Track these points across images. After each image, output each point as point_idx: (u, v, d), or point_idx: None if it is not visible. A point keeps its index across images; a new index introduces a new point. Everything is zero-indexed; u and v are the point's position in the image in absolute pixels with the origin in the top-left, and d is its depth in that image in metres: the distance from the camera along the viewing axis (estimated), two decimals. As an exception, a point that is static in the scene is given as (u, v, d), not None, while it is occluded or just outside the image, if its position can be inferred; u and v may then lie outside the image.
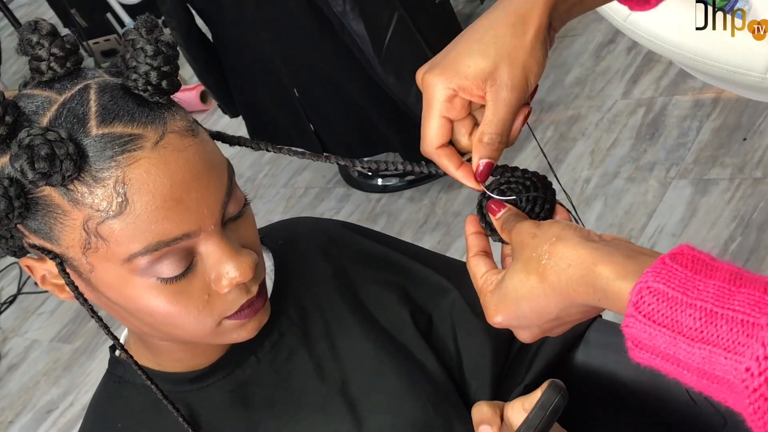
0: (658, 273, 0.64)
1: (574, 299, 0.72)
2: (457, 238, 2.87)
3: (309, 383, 1.01)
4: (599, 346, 1.12)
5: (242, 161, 3.73)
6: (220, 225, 0.84)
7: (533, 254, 0.75)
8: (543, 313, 0.76)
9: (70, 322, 3.53)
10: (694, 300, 0.62)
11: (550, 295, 0.74)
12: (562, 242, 0.73)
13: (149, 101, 0.82)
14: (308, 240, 1.12)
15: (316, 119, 2.93)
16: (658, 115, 2.84)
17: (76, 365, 3.34)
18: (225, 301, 0.87)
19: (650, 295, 0.64)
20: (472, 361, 1.08)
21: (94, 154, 0.78)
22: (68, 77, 0.84)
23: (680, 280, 0.63)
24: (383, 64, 2.52)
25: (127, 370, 1.01)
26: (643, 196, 2.62)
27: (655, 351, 0.64)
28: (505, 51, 0.80)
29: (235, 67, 2.94)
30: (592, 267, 0.70)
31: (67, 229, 0.81)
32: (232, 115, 3.18)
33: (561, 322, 0.77)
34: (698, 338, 0.61)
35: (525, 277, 0.75)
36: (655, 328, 0.63)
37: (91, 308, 0.87)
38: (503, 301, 0.78)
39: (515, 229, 0.79)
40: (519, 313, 0.77)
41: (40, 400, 3.30)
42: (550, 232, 0.75)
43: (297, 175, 3.54)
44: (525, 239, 0.76)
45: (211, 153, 0.85)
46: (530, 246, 0.75)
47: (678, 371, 0.64)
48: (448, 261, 1.19)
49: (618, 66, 3.12)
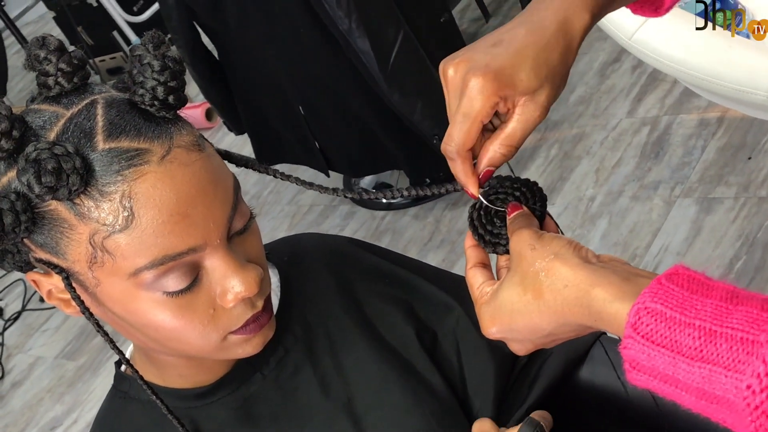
0: (655, 293, 0.64)
1: (568, 319, 0.72)
2: (461, 255, 2.87)
3: (314, 399, 1.01)
4: (604, 363, 1.12)
5: (247, 178, 3.74)
6: (225, 239, 0.85)
7: (530, 269, 0.75)
8: (536, 329, 0.76)
9: (74, 339, 3.53)
10: (693, 319, 0.62)
11: (545, 313, 0.74)
12: (560, 260, 0.73)
13: (156, 116, 0.83)
14: (313, 256, 1.12)
15: (322, 136, 2.94)
16: (663, 134, 2.84)
17: (80, 382, 3.33)
18: (230, 315, 0.87)
19: (648, 316, 0.64)
20: (476, 380, 1.08)
21: (101, 169, 0.79)
22: (75, 92, 0.84)
23: (677, 300, 0.63)
24: (388, 81, 2.52)
25: (133, 385, 1.01)
26: (647, 214, 2.62)
27: (654, 372, 0.64)
28: (551, 75, 0.81)
29: (241, 84, 2.95)
30: (589, 289, 0.70)
31: (74, 244, 0.81)
32: (237, 132, 3.18)
33: (554, 338, 0.78)
34: (698, 357, 0.61)
35: (521, 292, 0.75)
36: (654, 349, 0.63)
37: (97, 322, 0.87)
38: (498, 313, 0.78)
39: (516, 236, 0.79)
40: (513, 326, 0.77)
41: (43, 417, 3.29)
42: (549, 248, 0.75)
43: (301, 192, 3.54)
44: (523, 250, 0.76)
45: (218, 168, 0.85)
46: (528, 259, 0.75)
47: (676, 393, 0.63)
48: (453, 278, 1.19)
49: (623, 84, 3.12)
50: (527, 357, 1.13)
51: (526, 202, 0.85)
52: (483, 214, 0.87)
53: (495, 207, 0.86)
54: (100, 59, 4.76)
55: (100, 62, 4.76)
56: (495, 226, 0.86)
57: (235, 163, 0.97)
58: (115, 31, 4.79)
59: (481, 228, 0.87)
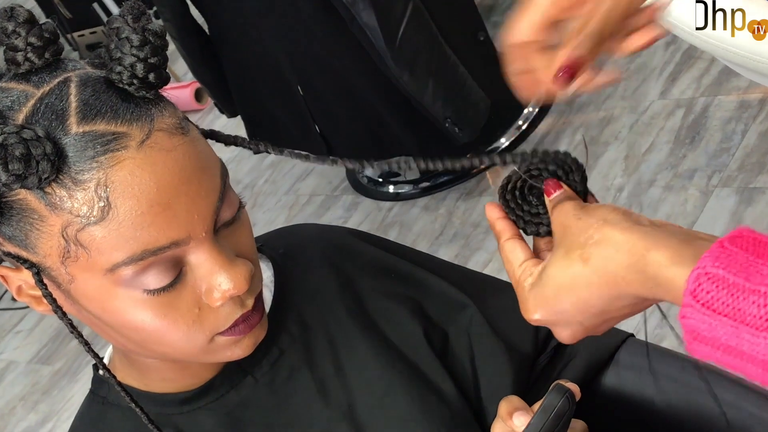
0: (716, 257, 0.64)
1: (622, 289, 0.72)
2: (476, 251, 2.87)
3: (311, 406, 1.01)
4: (632, 368, 1.12)
5: (240, 166, 3.74)
6: (212, 232, 0.84)
7: (577, 239, 0.74)
8: (586, 306, 0.75)
9: (50, 342, 3.54)
10: (757, 285, 0.62)
11: (595, 284, 0.73)
12: (609, 225, 0.73)
13: (135, 96, 0.82)
14: (312, 248, 1.12)
15: (322, 119, 2.94)
16: (699, 117, 2.83)
17: (57, 389, 3.34)
18: (217, 315, 0.87)
19: (709, 282, 0.64)
20: (491, 385, 1.08)
21: (74, 154, 0.79)
22: (47, 69, 0.84)
23: (741, 265, 0.63)
24: (396, 59, 2.52)
25: (112, 390, 1.01)
26: (682, 206, 2.62)
27: (716, 343, 0.64)
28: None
29: (234, 61, 2.95)
30: (644, 252, 0.70)
31: (45, 236, 0.81)
32: (229, 114, 3.19)
33: (607, 317, 0.77)
34: (764, 327, 0.61)
35: (566, 264, 0.75)
36: (716, 318, 0.63)
37: (70, 323, 0.87)
38: (542, 293, 0.77)
39: (557, 209, 0.79)
40: (559, 306, 0.77)
41: (16, 427, 3.30)
42: (596, 215, 0.75)
43: (300, 181, 3.55)
44: (568, 221, 0.76)
45: (203, 153, 0.85)
46: (574, 229, 0.75)
47: (741, 365, 0.64)
48: (467, 273, 1.19)
49: (655, 63, 3.12)
50: (547, 359, 1.13)
51: (566, 177, 0.85)
52: (518, 192, 0.87)
53: (534, 183, 0.85)
54: (79, 34, 4.77)
55: (79, 37, 4.77)
56: (532, 205, 0.86)
57: (224, 142, 0.97)
58: (96, 3, 4.79)
59: (517, 208, 0.86)
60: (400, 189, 3.24)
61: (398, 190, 3.24)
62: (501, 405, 0.91)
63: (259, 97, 3.00)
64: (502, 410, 0.91)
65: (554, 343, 1.13)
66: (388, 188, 3.27)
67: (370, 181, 3.32)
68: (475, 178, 3.10)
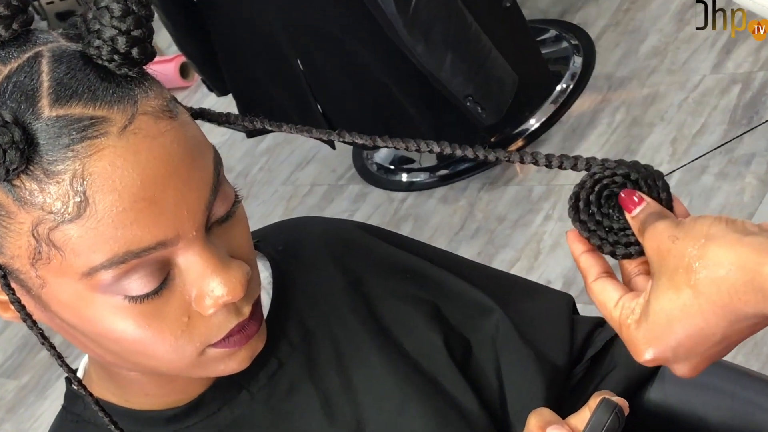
0: None
1: (740, 311, 0.72)
2: (501, 248, 2.87)
3: (315, 424, 1.02)
4: (678, 383, 1.12)
5: (232, 151, 3.75)
6: (203, 230, 0.84)
7: (680, 263, 0.74)
8: (704, 336, 0.75)
9: (16, 352, 3.55)
10: None
11: (709, 311, 0.73)
12: (714, 242, 0.73)
13: (116, 74, 0.82)
14: (315, 245, 1.13)
15: (324, 97, 2.94)
16: (758, 95, 2.83)
17: (23, 406, 3.36)
18: (209, 325, 0.87)
19: None
20: (520, 400, 1.08)
21: (46, 142, 0.78)
22: (14, 42, 0.83)
23: None
24: (409, 27, 2.52)
25: (87, 407, 1.01)
26: (738, 195, 2.61)
27: None
28: None
29: (224, 32, 2.95)
30: (757, 268, 0.70)
31: (12, 235, 0.81)
32: (219, 92, 3.19)
33: (728, 343, 0.77)
34: None
35: (673, 295, 0.75)
36: None
37: (40, 332, 0.87)
38: (652, 331, 0.78)
39: (649, 232, 0.78)
40: (673, 342, 0.77)
41: (-23, 450, 3.32)
42: (695, 231, 0.75)
43: (300, 169, 3.55)
44: (664, 244, 0.76)
45: (193, 139, 0.85)
46: (673, 253, 0.75)
47: None
48: (491, 273, 1.19)
49: (707, 32, 3.11)
50: (583, 371, 1.13)
51: (644, 185, 0.82)
52: (595, 208, 0.84)
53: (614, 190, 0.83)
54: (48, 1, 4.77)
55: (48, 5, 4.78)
56: (614, 220, 0.84)
57: (215, 122, 0.96)
58: (67, -35, 4.81)
59: (599, 229, 0.84)
60: (414, 177, 3.24)
61: (412, 179, 3.23)
62: (530, 418, 0.91)
63: (253, 72, 3.00)
64: (532, 424, 0.90)
65: (591, 353, 1.14)
66: (400, 176, 3.26)
67: (380, 168, 3.32)
68: (500, 166, 3.09)
